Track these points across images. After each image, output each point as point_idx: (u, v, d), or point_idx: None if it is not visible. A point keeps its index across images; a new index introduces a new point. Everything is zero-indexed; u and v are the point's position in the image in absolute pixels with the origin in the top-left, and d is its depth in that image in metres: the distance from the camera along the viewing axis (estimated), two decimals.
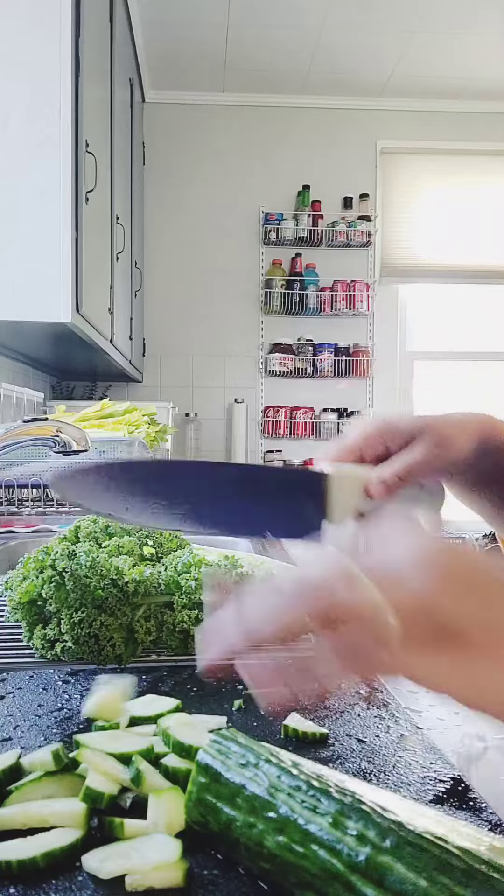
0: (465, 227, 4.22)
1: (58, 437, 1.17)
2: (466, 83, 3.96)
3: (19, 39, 1.81)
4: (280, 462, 4.02)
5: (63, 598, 0.69)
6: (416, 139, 4.19)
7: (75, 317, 1.87)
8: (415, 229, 4.25)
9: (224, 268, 4.12)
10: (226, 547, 1.26)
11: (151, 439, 1.96)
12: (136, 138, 3.53)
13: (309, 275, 4.06)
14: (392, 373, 4.23)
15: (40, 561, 0.71)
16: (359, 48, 3.61)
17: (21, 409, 2.19)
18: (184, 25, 3.41)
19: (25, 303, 1.82)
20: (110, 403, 2.03)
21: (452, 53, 3.66)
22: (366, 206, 4.12)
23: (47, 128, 1.81)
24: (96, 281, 2.21)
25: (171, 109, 4.10)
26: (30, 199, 1.82)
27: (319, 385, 4.15)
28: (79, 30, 1.89)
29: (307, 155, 4.16)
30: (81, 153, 1.92)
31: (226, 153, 4.12)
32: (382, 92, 4.07)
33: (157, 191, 4.08)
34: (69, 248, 1.83)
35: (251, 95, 4.10)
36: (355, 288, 4.03)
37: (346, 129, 4.16)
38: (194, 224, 4.11)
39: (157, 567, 0.77)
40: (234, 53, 3.67)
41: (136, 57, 3.50)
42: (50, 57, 1.81)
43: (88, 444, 1.19)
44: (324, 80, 3.94)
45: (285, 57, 3.70)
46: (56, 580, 0.70)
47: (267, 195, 4.13)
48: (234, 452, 3.96)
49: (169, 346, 4.09)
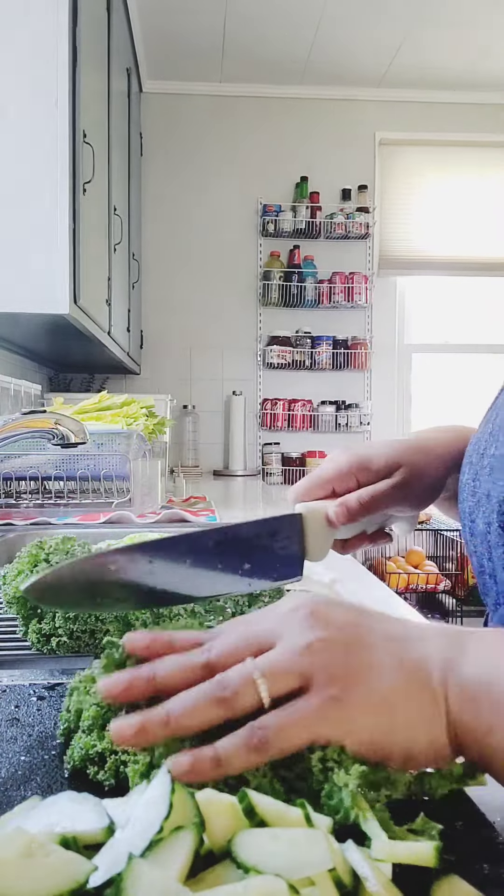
0: (465, 218, 4.21)
1: (56, 429, 1.17)
2: (466, 74, 3.94)
3: (16, 29, 1.79)
4: (278, 454, 4.03)
5: None
6: (415, 130, 4.18)
7: (73, 308, 1.87)
8: (413, 221, 4.24)
9: (222, 259, 4.11)
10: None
11: (149, 432, 1.96)
12: (134, 129, 3.52)
13: (307, 267, 4.05)
14: (390, 365, 4.23)
15: (34, 555, 0.72)
16: (358, 39, 3.60)
17: (19, 401, 2.19)
18: (182, 15, 3.39)
19: (23, 294, 1.82)
20: (108, 396, 2.02)
21: (452, 44, 3.64)
22: (364, 197, 4.10)
23: (45, 118, 1.81)
24: (94, 272, 2.20)
25: (168, 100, 4.08)
26: (27, 190, 1.81)
27: (318, 377, 4.15)
28: (76, 19, 1.88)
29: (306, 146, 4.14)
30: (79, 144, 1.91)
31: (224, 144, 4.10)
32: (381, 83, 4.05)
33: (155, 182, 4.06)
34: (67, 239, 1.82)
35: (249, 86, 4.08)
36: (353, 280, 4.02)
37: (344, 120, 4.15)
38: (192, 215, 4.10)
39: None
40: (232, 43, 3.65)
41: (133, 47, 3.48)
42: (47, 47, 1.80)
43: (86, 437, 1.19)
44: (322, 70, 3.92)
45: (284, 47, 3.68)
46: None
47: (265, 186, 4.12)
48: (232, 445, 3.96)
49: (167, 338, 4.09)
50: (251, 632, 0.45)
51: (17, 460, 1.79)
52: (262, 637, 0.44)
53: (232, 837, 0.34)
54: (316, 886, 0.32)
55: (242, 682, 0.41)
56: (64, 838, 0.34)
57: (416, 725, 0.40)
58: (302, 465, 4.03)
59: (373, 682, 0.41)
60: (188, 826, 0.34)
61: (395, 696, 0.41)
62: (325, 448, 4.07)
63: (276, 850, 0.33)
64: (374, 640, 0.43)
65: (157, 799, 0.35)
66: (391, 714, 0.40)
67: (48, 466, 1.81)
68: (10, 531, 1.53)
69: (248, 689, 0.41)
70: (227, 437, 4.05)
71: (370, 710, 0.40)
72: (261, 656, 0.42)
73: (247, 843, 0.33)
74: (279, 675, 0.41)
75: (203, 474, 3.91)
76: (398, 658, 0.42)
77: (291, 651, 0.42)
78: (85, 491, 1.84)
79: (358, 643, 0.43)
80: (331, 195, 4.12)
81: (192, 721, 0.40)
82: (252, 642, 0.44)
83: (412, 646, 0.43)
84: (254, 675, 0.41)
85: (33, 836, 0.33)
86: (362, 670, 0.41)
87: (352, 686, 0.40)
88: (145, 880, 0.30)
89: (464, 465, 0.66)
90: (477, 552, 0.63)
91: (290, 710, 0.40)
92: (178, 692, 0.42)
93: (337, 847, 0.34)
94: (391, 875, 0.34)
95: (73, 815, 0.37)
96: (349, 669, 0.41)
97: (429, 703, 0.41)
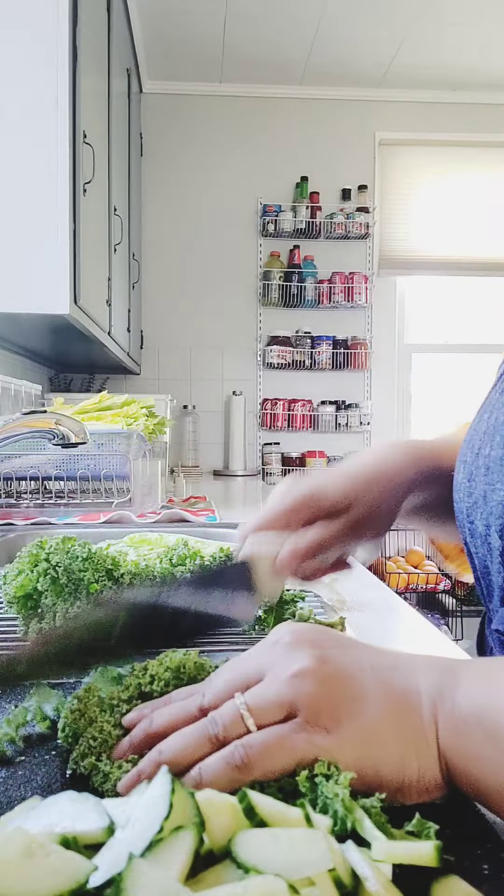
0: (465, 218, 4.21)
1: (56, 429, 1.17)
2: (466, 74, 3.94)
3: (16, 29, 1.80)
4: (278, 454, 4.03)
5: (58, 592, 0.69)
6: (415, 130, 4.18)
7: (73, 309, 1.87)
8: (413, 221, 4.23)
9: (222, 259, 4.11)
10: (226, 540, 1.27)
11: (150, 432, 1.96)
12: (134, 129, 3.52)
13: (307, 267, 4.05)
14: (390, 365, 4.23)
15: (35, 555, 0.72)
16: (357, 39, 3.59)
17: (19, 401, 2.19)
18: (182, 15, 3.39)
19: (23, 295, 1.82)
20: (108, 396, 2.02)
21: (451, 44, 3.64)
22: (364, 197, 4.10)
23: (45, 119, 1.81)
24: (94, 273, 2.20)
25: (168, 100, 4.08)
26: (27, 191, 1.81)
27: (318, 377, 4.15)
28: (76, 19, 1.88)
29: (305, 146, 4.14)
30: (79, 144, 1.91)
31: (224, 144, 4.10)
32: (381, 83, 4.05)
33: (155, 182, 4.06)
34: (67, 239, 1.82)
35: (249, 86, 4.08)
36: (353, 280, 4.02)
37: (344, 120, 4.15)
38: (192, 215, 4.10)
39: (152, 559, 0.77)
40: (232, 44, 3.65)
41: (133, 47, 3.48)
42: (47, 47, 1.80)
43: (87, 437, 1.19)
44: (322, 70, 3.92)
45: (284, 47, 3.68)
46: (51, 574, 0.70)
47: (265, 186, 4.12)
48: (232, 445, 3.96)
49: (167, 338, 4.08)
50: (239, 671, 0.45)
51: (17, 460, 1.79)
52: (249, 674, 0.44)
53: (232, 837, 0.34)
54: (316, 886, 0.32)
55: (230, 717, 0.41)
56: (64, 838, 0.34)
57: (405, 758, 0.40)
58: (302, 465, 4.03)
59: (360, 714, 0.40)
60: (188, 826, 0.34)
61: (383, 729, 0.40)
62: (326, 448, 4.08)
63: (276, 850, 0.33)
64: (360, 669, 0.43)
65: (157, 799, 0.35)
66: (380, 747, 0.40)
67: (48, 466, 1.81)
68: (10, 531, 1.53)
69: (235, 724, 0.41)
70: (227, 437, 4.05)
71: (357, 744, 0.39)
72: (248, 691, 0.43)
73: (247, 843, 0.33)
74: (265, 708, 0.41)
75: (203, 474, 3.91)
76: (385, 689, 0.42)
77: (276, 682, 0.42)
78: (85, 491, 1.84)
79: (344, 673, 0.42)
80: (331, 195, 4.12)
81: (184, 759, 0.41)
82: (239, 682, 0.44)
83: (401, 676, 0.43)
84: (241, 710, 0.41)
85: (33, 836, 0.33)
86: (348, 701, 0.41)
87: (338, 718, 0.40)
88: (145, 880, 0.30)
89: (458, 464, 0.65)
90: (478, 553, 0.63)
91: (276, 731, 0.40)
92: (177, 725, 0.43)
93: (337, 847, 0.34)
94: (391, 875, 0.34)
95: (73, 815, 0.37)
96: (335, 701, 0.41)
97: (418, 736, 0.40)
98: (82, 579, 0.69)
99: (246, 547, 0.63)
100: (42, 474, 1.81)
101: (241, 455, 3.96)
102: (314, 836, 0.34)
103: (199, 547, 0.86)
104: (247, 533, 0.64)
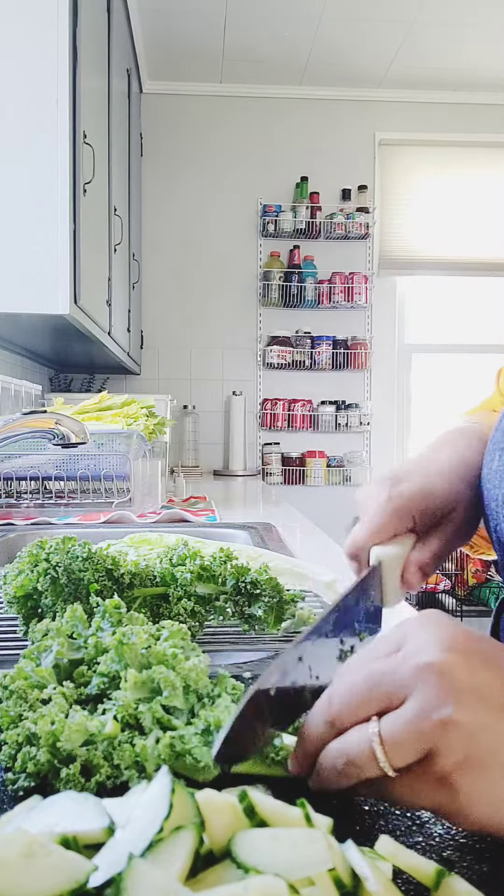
0: (464, 219, 4.21)
1: (56, 429, 1.17)
2: (466, 74, 3.94)
3: (16, 29, 1.80)
4: (278, 454, 4.03)
5: (58, 592, 0.69)
6: (415, 131, 4.18)
7: (73, 309, 1.87)
8: (413, 221, 4.23)
9: (222, 260, 4.11)
10: (224, 539, 1.27)
11: (150, 432, 1.96)
12: (134, 129, 3.52)
13: (307, 267, 4.05)
14: (390, 365, 4.23)
15: (35, 555, 0.72)
16: (358, 39, 3.59)
17: (19, 401, 2.19)
18: (182, 15, 3.39)
19: (23, 295, 1.82)
20: (108, 396, 2.03)
21: (452, 44, 3.64)
22: (364, 197, 4.10)
23: (45, 119, 1.81)
24: (94, 273, 2.20)
25: (168, 100, 4.08)
26: (27, 191, 1.81)
27: (317, 377, 4.15)
28: (76, 19, 1.88)
29: (305, 146, 4.14)
30: (79, 144, 1.91)
31: (224, 144, 4.10)
32: (381, 83, 4.05)
33: (155, 182, 4.06)
34: (67, 239, 1.82)
35: (249, 86, 4.08)
36: (353, 280, 4.02)
37: (344, 120, 4.15)
38: (192, 215, 4.10)
39: (152, 559, 0.77)
40: (232, 44, 3.65)
41: (133, 47, 3.48)
42: (47, 47, 1.80)
43: (87, 437, 1.19)
44: (322, 70, 3.92)
45: (284, 47, 3.68)
46: (51, 574, 0.70)
47: (265, 186, 4.12)
48: (232, 445, 3.96)
49: (167, 338, 4.09)
50: (375, 679, 0.40)
51: (17, 460, 1.79)
52: (389, 689, 0.39)
53: (232, 837, 0.34)
54: (316, 886, 0.32)
55: (361, 754, 0.39)
56: (64, 838, 0.34)
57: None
58: (302, 465, 4.04)
59: (501, 776, 0.37)
60: (188, 826, 0.34)
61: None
62: (326, 448, 4.08)
63: (276, 850, 0.33)
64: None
65: (157, 799, 0.35)
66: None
67: (48, 466, 1.81)
68: (10, 531, 1.53)
69: (368, 762, 0.39)
70: (227, 437, 4.05)
71: (490, 804, 0.37)
72: (385, 719, 0.39)
73: (247, 843, 0.33)
74: (402, 748, 0.38)
75: (203, 474, 3.91)
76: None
77: (419, 720, 0.37)
78: (85, 491, 1.84)
79: (498, 728, 0.38)
80: (331, 195, 4.12)
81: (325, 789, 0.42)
82: (375, 696, 0.40)
83: None
84: (373, 745, 0.38)
85: (33, 836, 0.33)
86: (494, 761, 0.37)
87: (477, 775, 0.37)
88: (145, 880, 0.30)
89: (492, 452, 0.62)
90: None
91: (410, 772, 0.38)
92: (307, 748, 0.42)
93: (337, 847, 0.34)
94: (391, 875, 0.34)
95: (73, 815, 0.37)
96: (480, 758, 0.37)
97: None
98: (82, 579, 0.69)
99: (373, 560, 0.59)
100: (42, 474, 1.81)
101: (241, 455, 3.96)
102: (314, 836, 0.34)
103: (199, 547, 0.86)
104: (362, 547, 0.60)
